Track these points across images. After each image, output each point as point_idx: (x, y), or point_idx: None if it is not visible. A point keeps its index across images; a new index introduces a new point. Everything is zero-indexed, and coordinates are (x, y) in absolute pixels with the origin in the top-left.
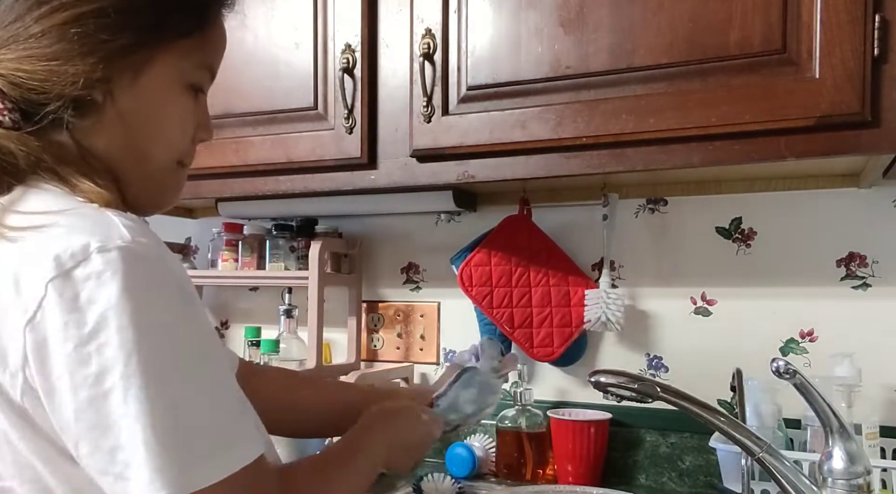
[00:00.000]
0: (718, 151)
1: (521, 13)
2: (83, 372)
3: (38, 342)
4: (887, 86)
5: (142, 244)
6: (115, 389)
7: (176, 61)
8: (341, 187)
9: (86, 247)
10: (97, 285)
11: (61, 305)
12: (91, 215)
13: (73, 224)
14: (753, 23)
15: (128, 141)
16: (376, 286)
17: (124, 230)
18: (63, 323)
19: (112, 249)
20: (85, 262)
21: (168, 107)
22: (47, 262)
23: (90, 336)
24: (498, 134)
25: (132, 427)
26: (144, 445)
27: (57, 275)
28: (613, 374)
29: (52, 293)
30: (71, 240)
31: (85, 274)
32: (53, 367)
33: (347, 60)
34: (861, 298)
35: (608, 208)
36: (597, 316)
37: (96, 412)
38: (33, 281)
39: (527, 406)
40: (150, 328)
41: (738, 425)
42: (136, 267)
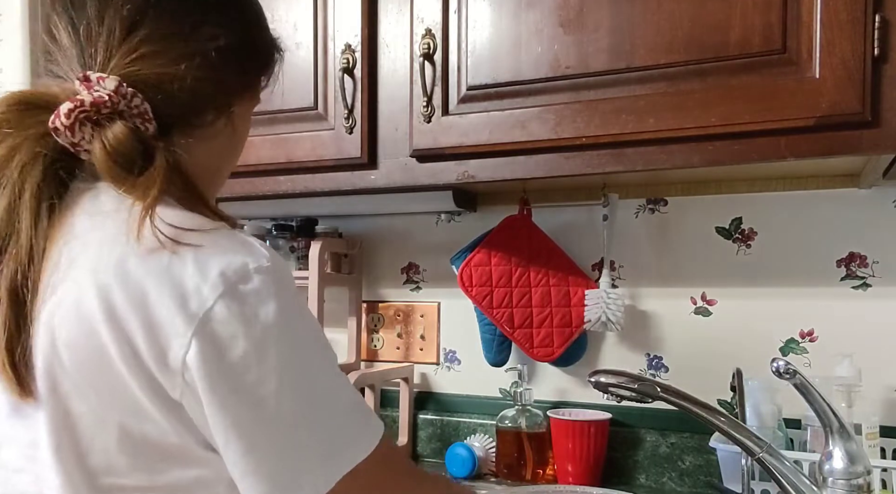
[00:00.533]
0: (718, 151)
1: (521, 13)
2: (245, 379)
3: (204, 348)
4: (887, 86)
5: (277, 262)
6: (273, 396)
7: (257, 93)
8: (341, 187)
9: (245, 265)
10: (258, 302)
11: (230, 317)
12: (233, 235)
13: (222, 243)
14: (753, 23)
15: (220, 158)
16: (376, 286)
17: (264, 250)
18: (231, 335)
19: (265, 269)
20: (246, 280)
21: (246, 130)
22: (214, 277)
23: (254, 347)
24: (498, 134)
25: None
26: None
27: (226, 291)
28: (613, 374)
29: (220, 305)
30: (231, 258)
31: (247, 290)
32: (218, 373)
33: (347, 60)
34: (861, 298)
35: (608, 208)
36: (597, 316)
37: (252, 417)
38: (200, 293)
39: (527, 406)
40: (300, 339)
41: (738, 425)
42: (283, 284)
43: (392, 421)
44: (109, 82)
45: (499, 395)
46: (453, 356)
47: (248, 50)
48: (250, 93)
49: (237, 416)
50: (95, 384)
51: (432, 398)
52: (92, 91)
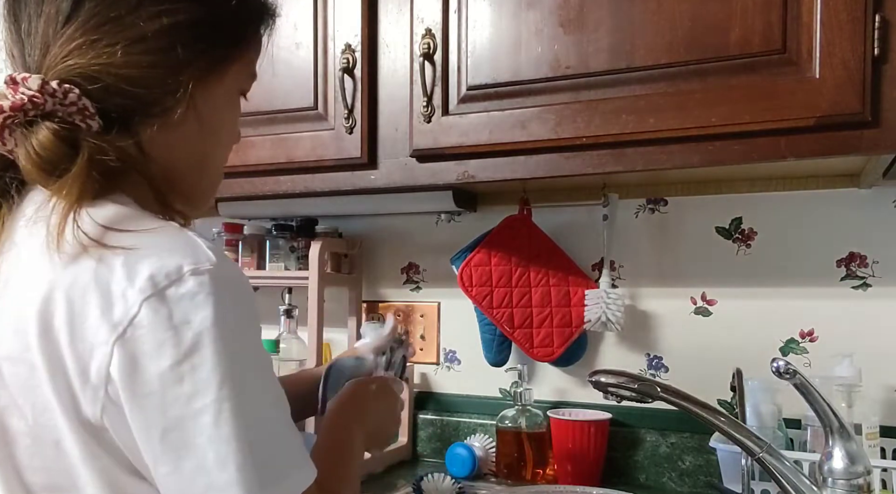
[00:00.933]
0: (718, 151)
1: (521, 13)
2: (175, 392)
3: (128, 358)
4: (887, 86)
5: (226, 266)
6: (207, 410)
7: (239, 70)
8: (341, 187)
9: (179, 267)
10: (192, 306)
11: (156, 323)
12: (176, 235)
13: (160, 243)
14: (753, 23)
15: (193, 148)
16: (376, 286)
17: (210, 252)
18: (158, 342)
19: (204, 271)
20: (178, 283)
21: (229, 113)
22: (141, 281)
23: (185, 355)
24: (498, 134)
25: (222, 449)
26: (235, 466)
27: (152, 294)
28: (613, 374)
29: (146, 311)
30: (163, 260)
31: (179, 294)
32: (144, 384)
33: (347, 60)
34: (861, 298)
35: (608, 208)
36: (597, 316)
37: (183, 432)
38: (126, 298)
39: (527, 406)
40: (240, 350)
41: (738, 425)
42: (226, 290)
43: None
44: (32, 82)
45: (499, 395)
46: (453, 356)
47: (202, 26)
48: (216, 74)
49: (166, 432)
50: (30, 401)
51: (432, 398)
52: (16, 94)
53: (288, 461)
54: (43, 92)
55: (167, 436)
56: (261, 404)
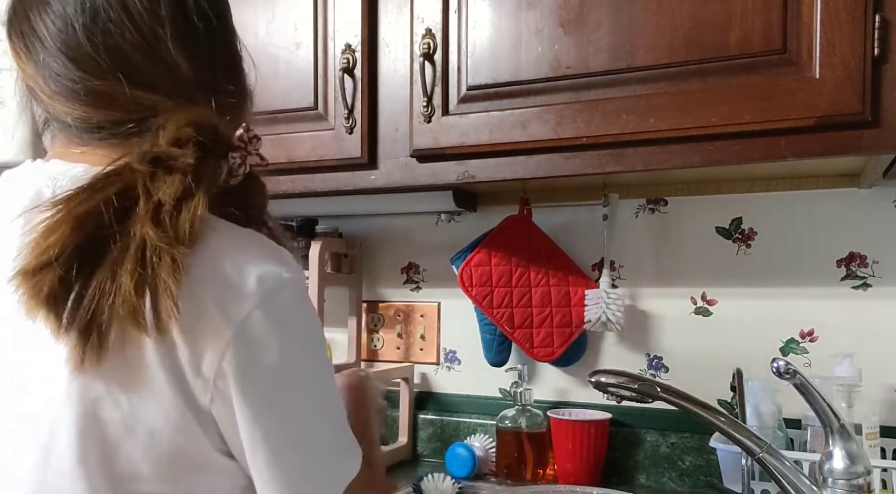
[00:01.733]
0: (718, 151)
1: (521, 13)
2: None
3: (241, 355)
4: (887, 86)
5: (301, 272)
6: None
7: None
8: (341, 187)
9: (279, 274)
10: (291, 310)
11: (266, 325)
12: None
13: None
14: (753, 23)
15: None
16: (376, 286)
17: (291, 259)
18: (265, 343)
19: (295, 280)
20: (281, 288)
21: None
22: (252, 284)
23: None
24: (498, 134)
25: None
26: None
27: (264, 298)
28: (613, 374)
29: (257, 312)
30: (266, 266)
31: (282, 298)
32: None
33: (347, 60)
34: (861, 298)
35: (608, 208)
36: (597, 316)
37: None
38: (240, 298)
39: (527, 406)
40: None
41: (738, 425)
42: (306, 296)
43: (392, 421)
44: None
45: (499, 395)
46: (453, 356)
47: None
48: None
49: (268, 425)
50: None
51: (432, 398)
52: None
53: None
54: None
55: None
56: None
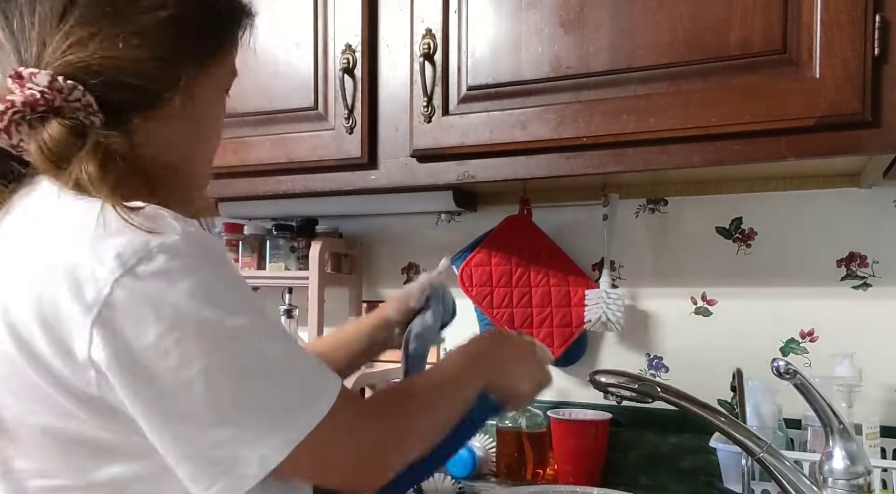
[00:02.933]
0: (718, 151)
1: (522, 13)
2: (163, 365)
3: (109, 339)
4: (888, 86)
5: (193, 234)
6: (199, 378)
7: (221, 66)
8: (341, 187)
9: (145, 243)
10: (165, 280)
11: (131, 301)
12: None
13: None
14: (753, 23)
15: (185, 143)
16: (376, 286)
17: (174, 222)
18: (136, 320)
19: (170, 243)
20: (147, 259)
21: (217, 109)
22: (109, 261)
23: (166, 330)
24: (498, 134)
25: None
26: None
27: (123, 274)
28: (614, 374)
29: (118, 290)
30: (129, 236)
31: (150, 270)
32: (131, 363)
33: (348, 60)
34: (861, 298)
35: (608, 208)
36: (597, 316)
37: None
38: (96, 279)
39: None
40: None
41: (738, 425)
42: (194, 257)
43: None
44: (41, 78)
45: None
46: None
47: (197, 18)
48: (210, 66)
49: (159, 404)
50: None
51: None
52: (24, 89)
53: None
54: (52, 88)
55: (162, 409)
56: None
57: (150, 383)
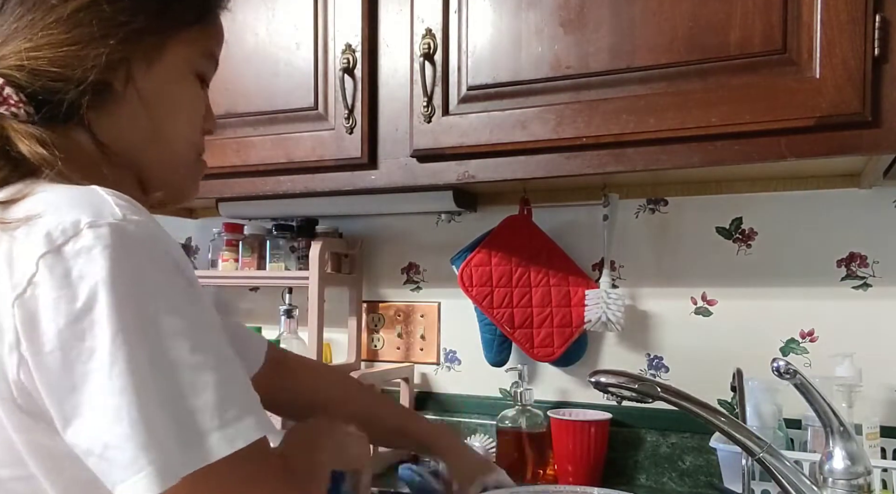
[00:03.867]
0: (719, 151)
1: (522, 13)
2: (76, 349)
3: (27, 317)
4: (888, 87)
5: (133, 221)
6: (103, 366)
7: (184, 49)
8: (342, 187)
9: (76, 222)
10: (87, 260)
11: (52, 281)
12: (83, 193)
13: (62, 200)
14: (753, 23)
15: (147, 131)
16: (377, 286)
17: (116, 208)
18: (53, 299)
19: (103, 225)
20: (75, 238)
21: (182, 94)
22: (38, 239)
23: (82, 312)
24: (498, 134)
25: (116, 405)
26: (129, 422)
27: (48, 251)
28: (614, 374)
29: (42, 269)
30: (62, 217)
31: (75, 249)
32: (45, 343)
33: (348, 60)
34: (861, 298)
35: (608, 208)
36: (597, 316)
37: (83, 389)
38: (24, 259)
39: (527, 406)
40: (143, 303)
41: (738, 425)
42: (127, 243)
43: None
44: None
45: (499, 395)
46: (453, 356)
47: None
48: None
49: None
50: None
51: (432, 398)
52: None
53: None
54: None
55: (68, 395)
56: (171, 357)
57: (61, 368)
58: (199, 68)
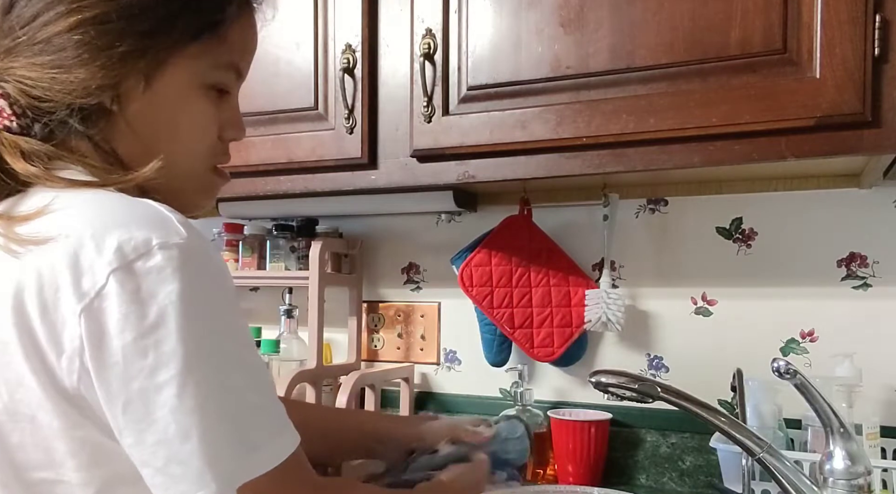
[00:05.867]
0: (719, 151)
1: (522, 13)
2: (139, 364)
3: (95, 329)
4: (888, 86)
5: (197, 241)
6: (171, 384)
7: (189, 64)
8: (342, 187)
9: (148, 241)
10: (159, 280)
11: (122, 296)
12: (147, 207)
13: (130, 215)
14: (754, 23)
15: (147, 147)
16: (377, 286)
17: (180, 226)
18: (123, 315)
19: (172, 246)
20: (147, 256)
21: (185, 110)
22: (109, 252)
23: (150, 329)
24: (498, 134)
25: (185, 421)
26: (198, 438)
27: (120, 267)
28: (614, 374)
29: (113, 283)
30: (132, 232)
31: (147, 268)
32: (109, 355)
33: (348, 60)
34: (862, 298)
35: (608, 208)
36: (597, 316)
37: (146, 404)
38: (94, 269)
39: (527, 406)
40: (209, 324)
41: (738, 425)
42: (194, 265)
43: None
44: None
45: (499, 395)
46: (453, 356)
47: (109, 23)
48: (157, 70)
49: (128, 404)
50: (3, 377)
51: (433, 398)
52: None
53: (261, 433)
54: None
55: (130, 408)
56: (231, 377)
57: (123, 381)
58: (211, 79)
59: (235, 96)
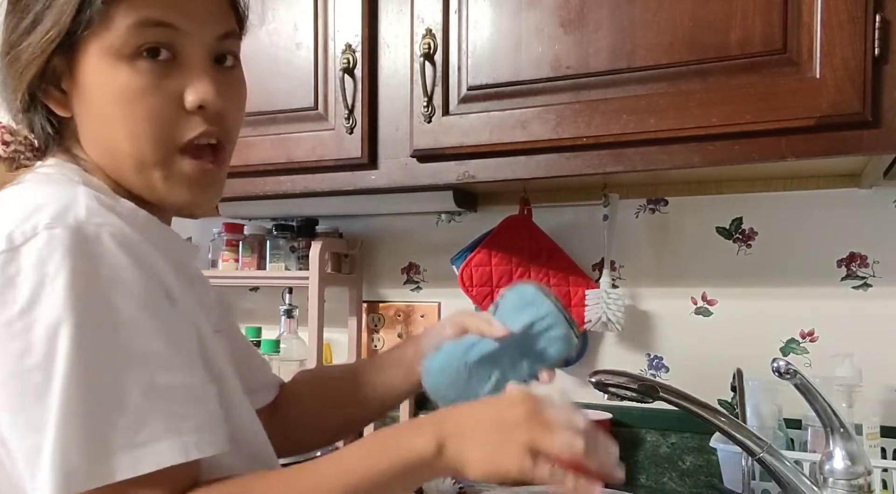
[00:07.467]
0: (719, 151)
1: (522, 13)
2: (8, 348)
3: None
4: (888, 86)
5: (96, 225)
6: (35, 371)
7: (96, 41)
8: (342, 187)
9: (36, 225)
10: (38, 262)
11: (3, 279)
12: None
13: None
14: (754, 23)
15: (100, 138)
16: (377, 286)
17: (83, 210)
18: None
19: (59, 227)
20: (32, 239)
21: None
22: (1, 238)
23: (20, 313)
24: (498, 134)
25: (47, 410)
26: (56, 429)
27: (6, 250)
28: (614, 374)
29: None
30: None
31: (28, 250)
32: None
33: (348, 60)
34: (862, 298)
35: (608, 208)
36: (597, 316)
37: (15, 389)
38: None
39: None
40: (91, 313)
41: (738, 425)
42: (80, 249)
43: (393, 422)
44: None
45: None
46: None
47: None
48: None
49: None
50: None
51: None
52: None
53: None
54: None
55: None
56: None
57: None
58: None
59: (195, 55)
